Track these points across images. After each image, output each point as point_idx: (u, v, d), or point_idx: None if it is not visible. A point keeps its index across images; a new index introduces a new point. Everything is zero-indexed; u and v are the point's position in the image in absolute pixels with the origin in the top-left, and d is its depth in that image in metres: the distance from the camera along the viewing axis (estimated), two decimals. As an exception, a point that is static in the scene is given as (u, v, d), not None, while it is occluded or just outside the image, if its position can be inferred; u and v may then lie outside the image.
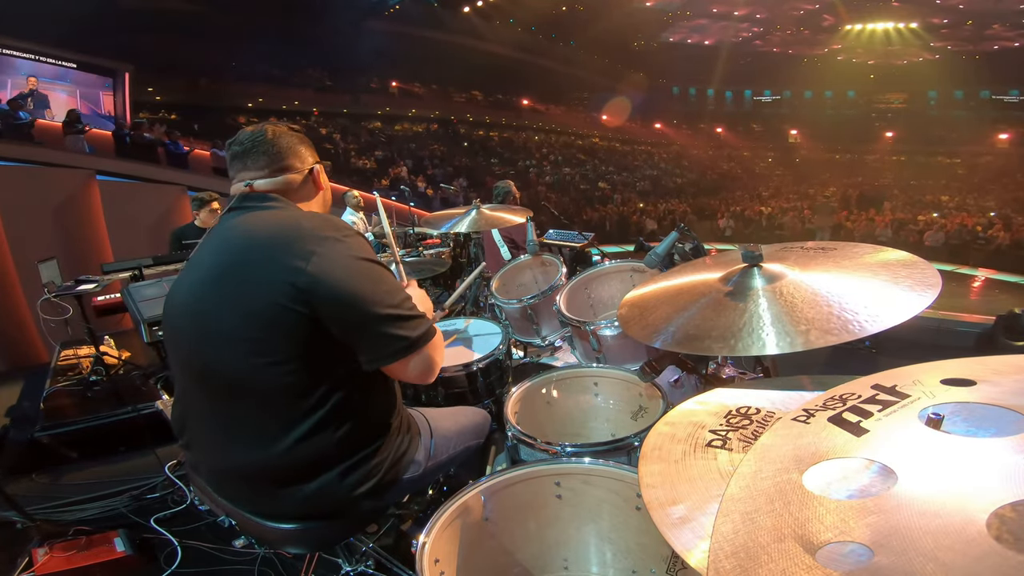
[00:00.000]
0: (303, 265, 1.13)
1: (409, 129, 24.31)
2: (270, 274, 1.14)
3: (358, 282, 1.17)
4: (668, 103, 34.31)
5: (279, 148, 1.36)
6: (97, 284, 3.94)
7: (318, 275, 1.13)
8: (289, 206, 1.33)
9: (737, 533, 0.56)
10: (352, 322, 1.17)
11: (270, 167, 1.35)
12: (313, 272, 1.13)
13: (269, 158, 1.35)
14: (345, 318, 1.16)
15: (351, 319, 1.16)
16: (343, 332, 1.17)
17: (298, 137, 1.42)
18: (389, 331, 1.19)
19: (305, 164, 1.39)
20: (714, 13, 29.43)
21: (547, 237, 4.44)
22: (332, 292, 1.13)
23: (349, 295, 1.15)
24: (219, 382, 1.21)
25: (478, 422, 1.66)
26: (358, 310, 1.16)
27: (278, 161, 1.35)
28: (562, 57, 29.36)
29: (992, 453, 0.55)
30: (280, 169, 1.35)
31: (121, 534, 2.33)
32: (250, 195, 1.32)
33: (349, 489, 1.24)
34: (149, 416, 3.34)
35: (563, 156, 26.77)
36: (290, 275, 1.12)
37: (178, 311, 1.28)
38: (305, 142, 1.43)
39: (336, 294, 1.14)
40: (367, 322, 1.17)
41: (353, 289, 1.15)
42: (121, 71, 13.28)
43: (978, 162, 25.92)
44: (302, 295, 1.12)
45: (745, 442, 0.97)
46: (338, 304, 1.14)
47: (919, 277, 1.06)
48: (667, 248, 1.93)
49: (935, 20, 27.31)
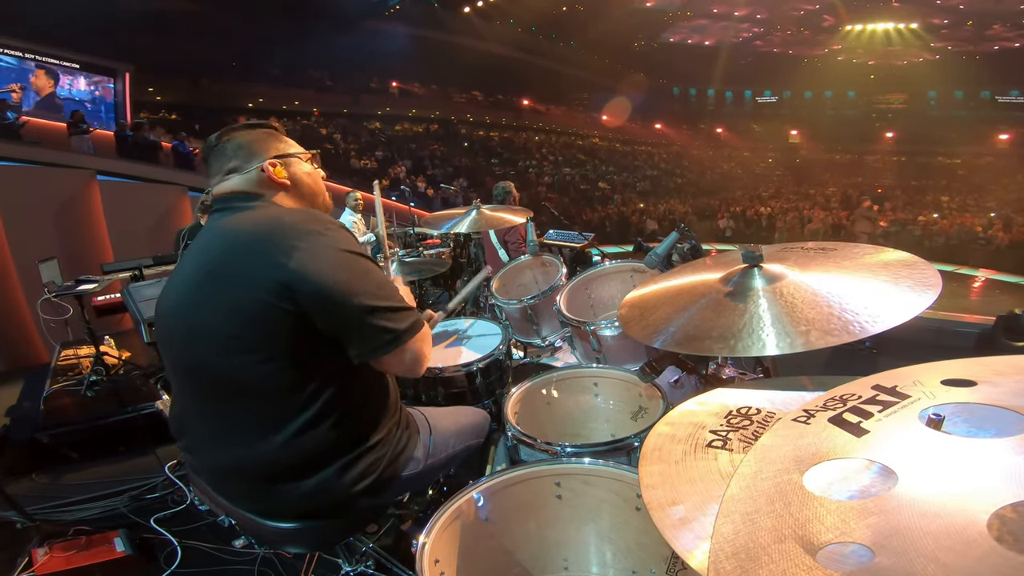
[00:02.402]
0: (285, 260, 1.12)
1: (409, 129, 24.30)
2: (253, 271, 1.14)
3: (342, 275, 1.16)
4: (668, 103, 34.32)
5: (225, 151, 1.34)
6: (97, 284, 3.94)
7: (300, 269, 1.12)
8: (271, 205, 1.32)
9: (737, 534, 0.56)
10: (337, 315, 1.16)
11: (221, 172, 1.34)
12: (295, 267, 1.12)
13: (220, 163, 1.34)
14: (330, 311, 1.15)
15: (336, 312, 1.15)
16: (329, 326, 1.16)
17: (254, 135, 1.37)
18: (375, 323, 1.18)
19: (250, 164, 1.33)
20: (714, 13, 29.43)
21: (547, 237, 4.44)
22: (315, 286, 1.12)
23: (333, 288, 1.14)
24: (211, 381, 1.22)
25: (477, 422, 1.66)
26: (342, 303, 1.15)
27: (225, 164, 1.34)
28: (562, 57, 29.35)
29: (993, 454, 0.55)
30: (230, 170, 1.33)
31: (121, 534, 2.33)
32: (230, 196, 1.32)
33: (348, 485, 1.24)
34: (149, 416, 3.34)
35: (563, 156, 26.76)
36: (273, 271, 1.12)
37: (167, 312, 1.28)
38: (260, 139, 1.37)
39: (319, 288, 1.13)
40: (352, 315, 1.16)
41: (337, 282, 1.14)
42: (121, 71, 13.28)
43: (978, 163, 25.91)
44: (286, 290, 1.11)
45: (745, 443, 0.97)
46: (322, 298, 1.13)
47: (919, 277, 1.06)
48: (667, 248, 1.93)
49: (935, 20, 27.30)
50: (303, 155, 1.43)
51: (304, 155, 1.43)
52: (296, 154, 1.41)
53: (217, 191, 1.33)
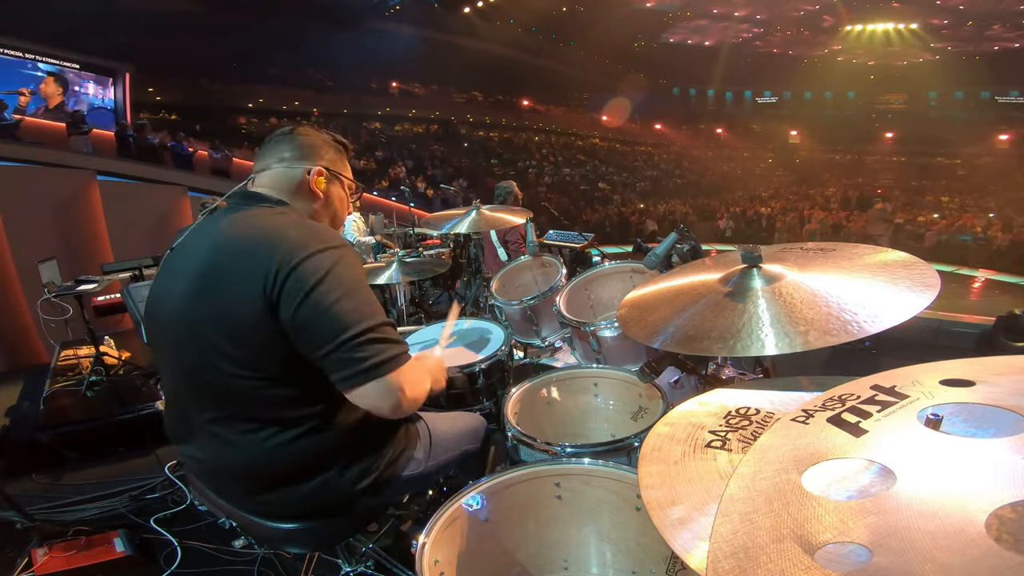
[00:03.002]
0: (278, 277, 1.09)
1: (409, 130, 24.32)
2: (247, 284, 1.10)
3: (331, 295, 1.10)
4: (668, 104, 34.30)
5: (289, 142, 1.34)
6: (97, 284, 3.95)
7: (291, 290, 1.09)
8: (288, 212, 1.27)
9: (736, 533, 0.56)
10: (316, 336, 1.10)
11: (273, 158, 1.34)
12: (288, 287, 1.09)
13: (278, 150, 1.34)
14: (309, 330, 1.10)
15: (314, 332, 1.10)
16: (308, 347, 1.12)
17: (320, 139, 1.38)
18: (354, 354, 1.10)
19: (301, 162, 1.33)
20: (714, 14, 29.42)
21: (547, 238, 4.45)
22: (303, 307, 1.09)
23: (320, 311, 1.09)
24: (207, 387, 1.20)
25: (475, 427, 1.65)
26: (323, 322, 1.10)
27: (281, 153, 1.34)
28: (562, 57, 29.35)
29: (991, 454, 0.55)
30: (280, 159, 1.33)
31: (121, 534, 2.33)
32: (247, 193, 1.31)
33: (350, 485, 1.24)
34: (149, 416, 3.34)
35: (563, 157, 26.77)
36: (266, 286, 1.09)
37: (163, 316, 1.25)
38: (327, 148, 1.38)
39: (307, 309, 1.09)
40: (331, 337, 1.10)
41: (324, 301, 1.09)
42: (121, 71, 13.28)
43: (978, 163, 25.89)
44: (274, 309, 1.09)
45: (744, 443, 0.97)
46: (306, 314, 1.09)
47: (918, 278, 1.06)
48: (667, 249, 1.93)
49: (935, 21, 27.29)
50: (349, 183, 1.44)
51: (351, 184, 1.44)
52: (345, 177, 1.42)
53: (255, 185, 1.33)
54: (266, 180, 1.33)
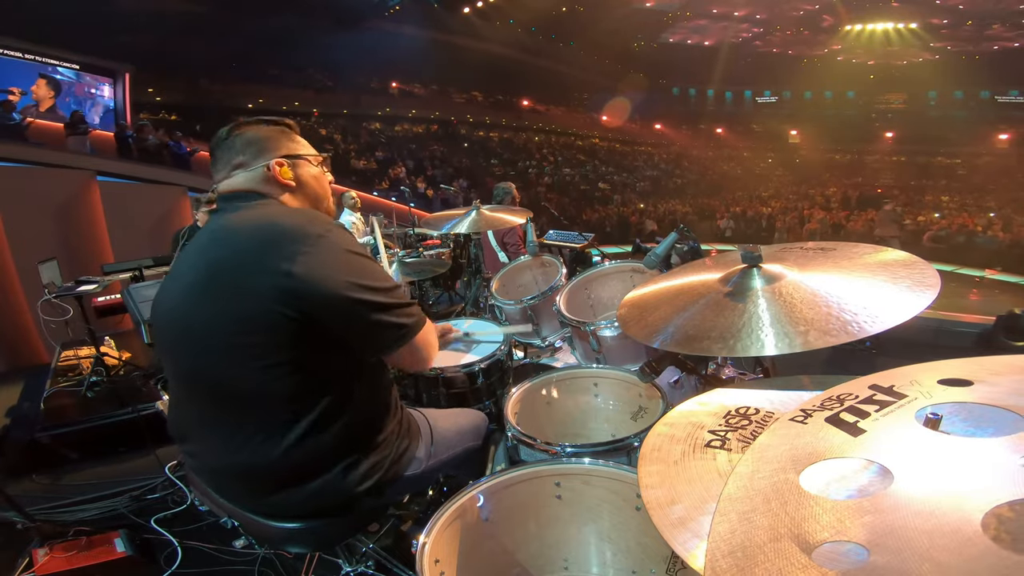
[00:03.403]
0: (289, 267, 1.10)
1: (409, 130, 24.32)
2: (255, 278, 1.12)
3: (347, 277, 1.15)
4: (668, 104, 34.32)
5: (234, 146, 1.32)
6: (97, 285, 3.94)
7: (305, 276, 1.11)
8: (272, 203, 1.29)
9: (734, 532, 0.56)
10: (346, 318, 1.17)
11: (228, 166, 1.32)
12: (300, 273, 1.10)
13: (228, 157, 1.32)
14: (339, 315, 1.15)
15: (345, 315, 1.16)
16: (339, 327, 1.17)
17: (266, 131, 1.36)
18: (385, 320, 1.20)
19: (257, 161, 1.31)
20: (714, 14, 29.44)
21: (547, 238, 4.46)
22: (322, 292, 1.12)
23: (340, 292, 1.14)
24: (211, 386, 1.21)
25: (477, 424, 1.66)
26: (351, 306, 1.15)
27: (232, 159, 1.32)
28: (562, 57, 29.36)
29: (989, 453, 0.56)
30: (236, 166, 1.32)
31: (121, 534, 2.33)
32: (231, 195, 1.30)
33: (352, 486, 1.24)
34: (149, 417, 3.34)
35: (563, 157, 26.77)
36: (277, 278, 1.10)
37: (166, 316, 1.26)
38: (271, 137, 1.35)
39: (326, 293, 1.12)
40: (362, 316, 1.17)
41: (343, 284, 1.14)
42: (121, 71, 13.28)
43: (978, 163, 25.91)
44: (291, 298, 1.10)
45: (744, 442, 0.97)
46: (329, 303, 1.13)
47: (918, 277, 1.06)
48: (667, 249, 1.93)
49: (935, 20, 27.30)
50: (313, 158, 1.41)
51: (314, 158, 1.42)
52: (305, 156, 1.40)
53: (222, 188, 1.32)
54: (228, 186, 1.32)
